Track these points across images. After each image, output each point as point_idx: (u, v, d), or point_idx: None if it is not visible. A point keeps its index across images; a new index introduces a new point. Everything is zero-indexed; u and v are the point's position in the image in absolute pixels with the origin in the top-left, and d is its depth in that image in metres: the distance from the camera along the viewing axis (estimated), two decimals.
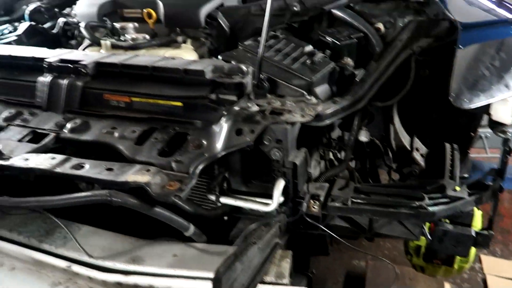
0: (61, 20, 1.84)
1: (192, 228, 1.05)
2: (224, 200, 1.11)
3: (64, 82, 1.31)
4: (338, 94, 1.30)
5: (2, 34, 1.78)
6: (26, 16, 1.90)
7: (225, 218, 1.17)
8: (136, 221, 1.14)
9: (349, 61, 1.36)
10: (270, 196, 1.11)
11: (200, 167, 1.00)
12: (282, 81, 1.24)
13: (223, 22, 1.40)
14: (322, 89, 1.28)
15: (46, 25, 1.89)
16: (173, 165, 1.03)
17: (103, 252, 1.08)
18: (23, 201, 1.00)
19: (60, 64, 1.34)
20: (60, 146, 1.23)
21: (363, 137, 1.41)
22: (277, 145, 1.06)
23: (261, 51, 1.09)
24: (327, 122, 1.17)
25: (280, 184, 1.09)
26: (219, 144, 1.06)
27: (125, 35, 1.56)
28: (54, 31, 1.84)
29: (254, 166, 1.16)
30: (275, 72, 1.27)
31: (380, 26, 1.50)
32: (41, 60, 1.38)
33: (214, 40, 1.57)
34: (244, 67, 1.17)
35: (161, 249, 1.07)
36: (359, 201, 1.14)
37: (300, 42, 1.40)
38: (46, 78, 1.33)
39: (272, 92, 1.24)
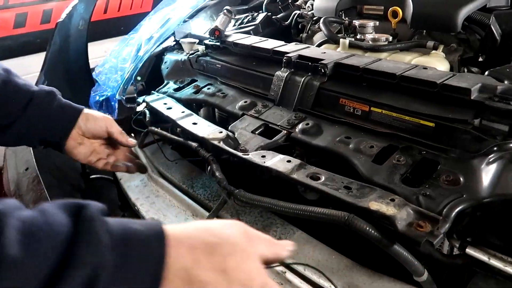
0: (295, 13, 1.86)
1: (426, 275, 0.89)
2: (472, 251, 0.90)
3: (301, 79, 1.29)
4: None
5: (242, 23, 1.91)
6: (264, 7, 1.99)
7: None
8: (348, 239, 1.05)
9: None
10: None
11: (457, 209, 0.83)
12: None
13: (495, 29, 1.15)
14: None
15: (279, 16, 1.94)
16: (421, 199, 0.87)
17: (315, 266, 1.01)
18: (257, 199, 1.00)
19: (298, 60, 1.32)
20: (289, 144, 1.22)
21: None
22: None
23: None
24: None
25: None
26: (483, 186, 0.86)
27: (363, 34, 1.45)
28: (287, 22, 1.88)
29: None
30: None
31: None
32: (280, 53, 1.40)
33: (467, 48, 1.32)
34: None
35: (382, 286, 0.95)
36: None
37: None
38: (283, 73, 1.33)
39: None
